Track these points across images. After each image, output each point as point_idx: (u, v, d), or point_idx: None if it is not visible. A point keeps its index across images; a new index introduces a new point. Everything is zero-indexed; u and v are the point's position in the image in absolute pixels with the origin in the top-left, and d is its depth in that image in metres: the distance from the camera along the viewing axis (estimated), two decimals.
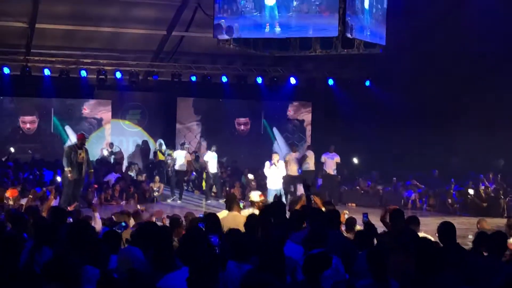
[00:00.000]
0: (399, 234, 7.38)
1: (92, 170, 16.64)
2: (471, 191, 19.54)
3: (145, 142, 25.51)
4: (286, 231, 7.65)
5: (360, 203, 20.71)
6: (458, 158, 22.97)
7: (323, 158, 21.39)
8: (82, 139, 16.15)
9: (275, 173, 18.36)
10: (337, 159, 21.22)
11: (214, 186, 21.36)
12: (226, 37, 14.64)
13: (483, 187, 20.08)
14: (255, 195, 10.93)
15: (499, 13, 18.83)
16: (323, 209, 9.31)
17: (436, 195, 20.63)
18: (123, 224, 8.66)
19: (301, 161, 20.58)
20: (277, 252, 5.85)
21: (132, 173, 21.99)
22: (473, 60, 21.13)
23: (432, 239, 7.88)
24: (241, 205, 10.46)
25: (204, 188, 21.71)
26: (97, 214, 9.94)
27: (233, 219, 9.18)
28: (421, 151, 22.96)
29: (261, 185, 19.62)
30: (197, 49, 23.01)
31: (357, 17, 13.77)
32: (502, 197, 19.31)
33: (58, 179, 17.95)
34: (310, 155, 20.97)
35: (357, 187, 22.18)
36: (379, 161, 24.01)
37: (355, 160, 24.31)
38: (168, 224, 9.11)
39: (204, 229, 7.64)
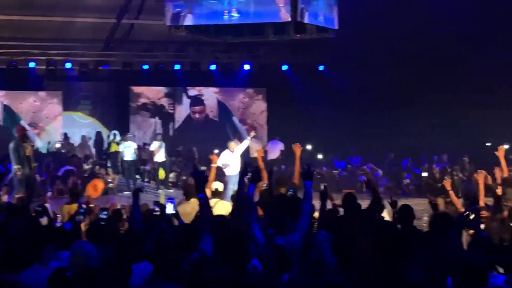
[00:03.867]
0: (354, 218, 7.35)
1: (36, 164, 15.83)
2: (424, 174, 19.66)
3: (99, 133, 25.11)
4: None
5: (316, 188, 20.65)
6: (412, 139, 23.17)
7: (267, 145, 21.41)
8: (22, 132, 15.08)
9: (233, 160, 18.27)
10: (281, 146, 21.19)
11: (171, 175, 21.13)
12: (177, 23, 14.44)
13: (437, 168, 20.22)
14: (218, 185, 10.78)
15: None
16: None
17: (392, 178, 20.76)
18: (82, 210, 8.39)
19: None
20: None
21: (88, 166, 21.62)
22: (426, 42, 21.33)
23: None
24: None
25: (161, 178, 21.45)
26: (48, 206, 9.75)
27: (192, 207, 9.09)
28: (376, 134, 23.12)
29: (218, 174, 19.45)
30: (148, 36, 22.70)
31: (309, 2, 13.70)
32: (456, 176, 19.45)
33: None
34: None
35: (314, 172, 22.16)
36: (335, 145, 24.10)
37: (309, 147, 24.28)
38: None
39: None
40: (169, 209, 7.76)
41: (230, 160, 18.35)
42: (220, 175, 18.50)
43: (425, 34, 20.88)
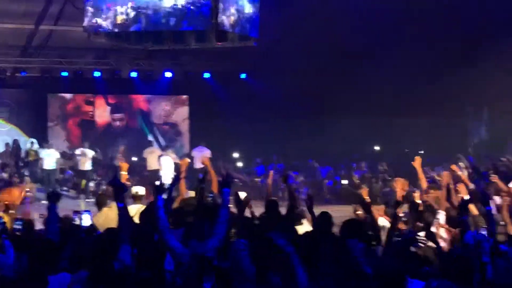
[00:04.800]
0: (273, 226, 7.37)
1: None
2: (344, 181, 19.98)
3: (15, 141, 24.45)
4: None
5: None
6: (334, 147, 23.50)
7: (193, 153, 21.35)
8: None
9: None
10: (207, 153, 21.14)
11: (91, 184, 20.80)
12: (98, 30, 14.27)
13: (356, 176, 20.58)
14: (140, 189, 10.61)
15: (367, 4, 19.37)
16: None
17: (313, 185, 20.96)
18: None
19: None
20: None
21: (5, 174, 21.02)
22: (346, 51, 21.68)
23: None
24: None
25: (82, 187, 21.08)
26: None
27: (105, 216, 8.93)
28: (298, 141, 23.34)
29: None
30: (67, 43, 22.29)
31: (230, 10, 13.75)
32: (376, 183, 19.83)
33: None
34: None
35: (236, 180, 22.18)
36: (258, 153, 24.21)
37: (235, 155, 24.30)
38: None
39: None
40: (86, 220, 7.61)
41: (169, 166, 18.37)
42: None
43: (345, 42, 21.23)
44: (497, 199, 10.36)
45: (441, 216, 8.83)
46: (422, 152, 21.17)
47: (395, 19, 19.93)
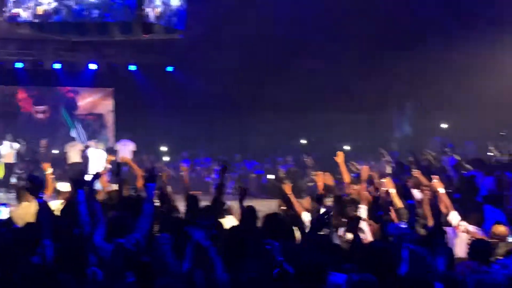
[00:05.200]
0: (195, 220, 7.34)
1: None
2: (271, 176, 20.06)
3: None
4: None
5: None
6: (259, 141, 23.61)
7: (117, 146, 21.08)
8: None
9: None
10: (132, 146, 20.90)
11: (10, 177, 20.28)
12: (18, 20, 13.90)
13: (282, 170, 20.69)
14: (63, 186, 10.38)
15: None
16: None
17: (238, 179, 20.97)
18: None
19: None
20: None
21: None
22: (273, 45, 21.77)
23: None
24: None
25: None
26: None
27: (25, 211, 8.71)
28: (224, 135, 23.34)
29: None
30: None
31: (156, 2, 13.61)
32: (302, 178, 19.98)
33: None
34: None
35: (157, 174, 21.97)
36: (184, 147, 24.08)
37: (162, 149, 24.08)
38: None
39: None
40: (3, 213, 7.42)
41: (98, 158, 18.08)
42: None
43: (272, 37, 21.31)
44: (418, 194, 10.56)
45: (363, 210, 8.96)
46: (349, 148, 21.56)
47: (322, 15, 20.11)
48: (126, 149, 20.78)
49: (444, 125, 25.16)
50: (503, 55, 20.75)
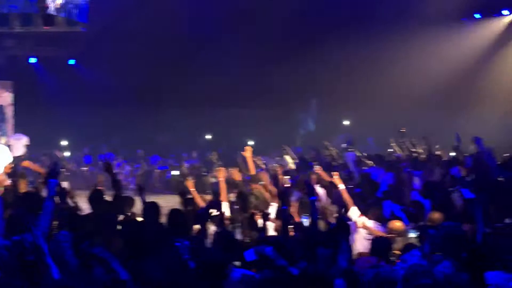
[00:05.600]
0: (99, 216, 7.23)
1: None
2: (176, 172, 19.93)
3: None
4: None
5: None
6: (164, 136, 23.44)
7: (10, 140, 20.46)
8: None
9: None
10: (25, 140, 20.28)
11: None
12: None
13: (186, 165, 20.60)
14: None
15: None
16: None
17: (142, 174, 20.77)
18: None
19: None
20: None
21: None
22: (178, 41, 21.65)
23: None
24: None
25: None
26: None
27: None
28: (128, 130, 23.06)
29: None
30: None
31: None
32: (206, 173, 19.91)
33: None
34: None
35: (62, 169, 21.51)
36: (87, 141, 23.65)
37: (63, 143, 23.55)
38: None
39: None
40: None
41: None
42: None
43: (178, 32, 21.21)
44: (320, 190, 10.74)
45: (273, 209, 9.05)
46: (252, 142, 21.65)
47: (227, 12, 20.16)
48: (19, 143, 20.13)
49: (346, 122, 25.72)
50: (403, 54, 21.37)
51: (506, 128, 19.69)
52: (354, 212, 8.55)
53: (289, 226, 7.34)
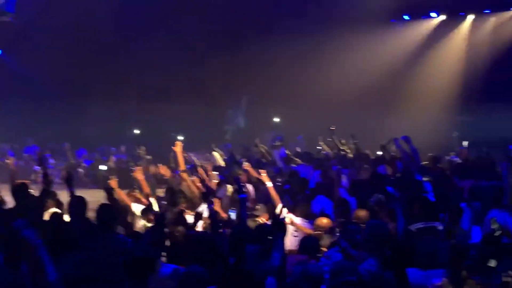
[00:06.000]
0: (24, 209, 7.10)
1: None
2: (103, 167, 19.61)
3: None
4: None
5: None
6: (91, 129, 23.10)
7: None
8: None
9: None
10: None
11: None
12: None
13: (114, 159, 20.33)
14: None
15: None
16: None
17: (68, 168, 20.36)
18: None
19: None
20: None
21: None
22: (108, 33, 21.38)
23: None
24: None
25: None
26: None
27: None
28: (54, 123, 22.64)
29: None
30: None
31: None
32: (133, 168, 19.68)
33: None
34: None
35: None
36: (11, 134, 23.10)
37: None
38: None
39: None
40: None
41: None
42: None
43: (105, 24, 20.95)
44: (249, 186, 10.78)
45: (204, 206, 9.07)
46: (182, 138, 21.53)
47: (156, 6, 20.04)
48: None
49: (276, 119, 25.87)
50: (334, 54, 21.62)
51: (433, 128, 20.14)
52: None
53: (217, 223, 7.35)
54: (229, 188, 10.27)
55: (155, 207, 9.16)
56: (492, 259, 5.35)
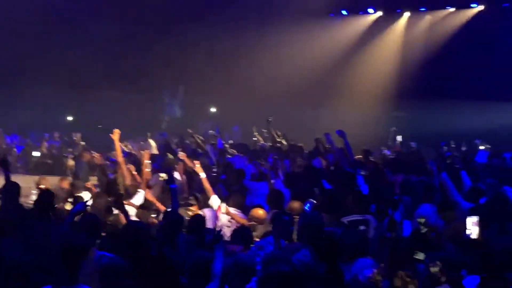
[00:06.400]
0: None
1: None
2: (36, 153, 19.22)
3: None
4: None
5: None
6: (22, 115, 22.62)
7: None
8: None
9: None
10: None
11: None
12: None
13: (46, 145, 19.95)
14: None
15: None
16: None
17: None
18: None
19: None
20: None
21: None
22: (43, 17, 21.07)
23: None
24: None
25: None
26: None
27: None
28: None
29: None
30: None
31: None
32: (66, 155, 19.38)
33: None
34: None
35: None
36: None
37: None
38: None
39: None
40: None
41: None
42: None
43: (41, 10, 20.62)
44: (178, 176, 10.72)
45: (140, 195, 9.05)
46: (117, 129, 21.27)
47: None
48: None
49: (213, 109, 25.87)
50: (272, 46, 21.74)
51: (368, 122, 20.46)
52: (214, 201, 8.60)
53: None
54: (162, 176, 10.21)
55: (87, 195, 9.04)
56: (420, 252, 5.50)
